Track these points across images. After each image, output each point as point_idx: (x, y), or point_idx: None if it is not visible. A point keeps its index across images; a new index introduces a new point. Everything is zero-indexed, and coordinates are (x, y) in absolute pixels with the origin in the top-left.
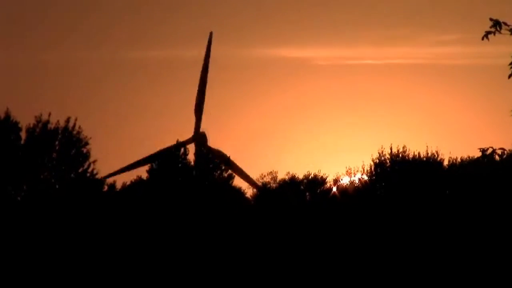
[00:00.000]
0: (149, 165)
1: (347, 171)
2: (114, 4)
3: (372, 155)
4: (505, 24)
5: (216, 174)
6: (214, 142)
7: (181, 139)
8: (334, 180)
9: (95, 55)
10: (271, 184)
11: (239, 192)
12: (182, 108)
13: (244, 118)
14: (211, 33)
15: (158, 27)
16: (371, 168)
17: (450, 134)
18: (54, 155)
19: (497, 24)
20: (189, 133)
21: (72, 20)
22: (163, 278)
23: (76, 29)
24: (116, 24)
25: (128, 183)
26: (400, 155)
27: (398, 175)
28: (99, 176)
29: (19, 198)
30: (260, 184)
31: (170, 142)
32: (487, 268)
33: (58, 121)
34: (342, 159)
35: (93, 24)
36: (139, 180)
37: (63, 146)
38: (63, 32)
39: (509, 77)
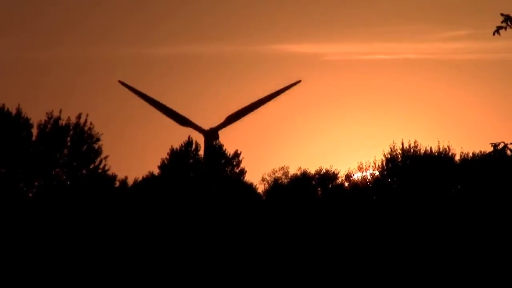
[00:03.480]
0: (160, 161)
1: (358, 167)
2: (125, 0)
3: (383, 150)
4: None
5: (228, 169)
6: (225, 137)
7: (193, 135)
8: (346, 175)
9: (106, 51)
10: (283, 180)
11: (250, 187)
12: (191, 103)
13: (255, 113)
14: (120, 82)
15: (168, 23)
16: (382, 164)
17: (461, 129)
18: (66, 151)
19: (508, 19)
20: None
21: (84, 18)
22: (175, 271)
23: (89, 26)
24: (128, 20)
25: (139, 179)
26: (412, 150)
27: (409, 170)
28: (110, 172)
29: (30, 195)
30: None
31: (181, 137)
32: (500, 261)
33: (69, 117)
34: (354, 154)
35: (105, 20)
36: (150, 176)
37: (75, 142)
38: (74, 28)
39: None
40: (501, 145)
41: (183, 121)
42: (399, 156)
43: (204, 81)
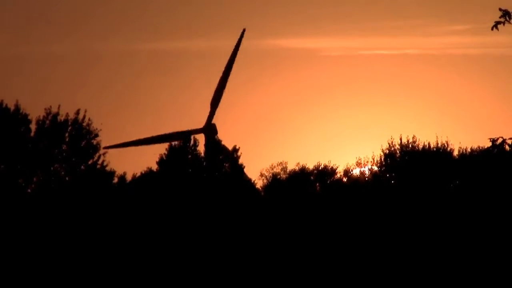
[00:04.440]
0: (158, 156)
1: (357, 162)
2: None
3: (382, 145)
4: None
5: (226, 165)
6: (223, 133)
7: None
8: (344, 170)
9: (104, 47)
10: (281, 175)
11: (249, 183)
12: (191, 100)
13: (254, 109)
14: (244, 30)
15: (167, 19)
16: (381, 159)
17: (460, 124)
18: (64, 147)
19: (506, 14)
20: (198, 125)
21: (82, 12)
22: (173, 267)
23: (86, 20)
24: (127, 15)
25: (138, 174)
26: (410, 146)
27: (408, 165)
28: (109, 167)
29: (29, 190)
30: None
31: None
32: (498, 257)
33: (67, 113)
34: (352, 149)
35: (104, 16)
36: (149, 172)
37: (73, 138)
38: (72, 24)
39: None
40: (500, 140)
41: (215, 102)
42: (398, 152)
43: (200, 76)
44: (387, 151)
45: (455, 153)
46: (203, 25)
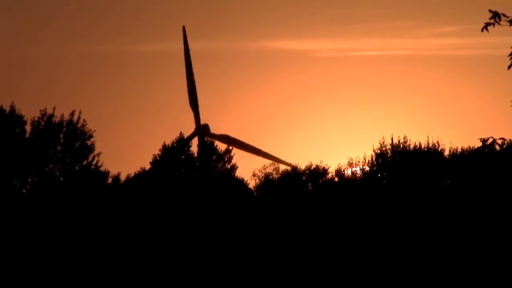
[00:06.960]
0: (152, 157)
1: (348, 162)
2: None
3: (373, 145)
4: (504, 15)
5: (219, 165)
6: (217, 133)
7: (184, 131)
8: (336, 170)
9: (99, 49)
10: (274, 175)
11: (241, 183)
12: (185, 101)
13: (246, 109)
14: (183, 28)
15: (162, 21)
16: (372, 159)
17: (451, 125)
18: (59, 148)
19: (496, 16)
20: (192, 125)
21: (77, 15)
22: (167, 266)
23: (82, 23)
24: (121, 18)
25: (132, 175)
26: (401, 146)
27: (399, 165)
28: (103, 168)
29: (24, 191)
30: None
31: (173, 133)
32: (488, 258)
33: (62, 114)
34: (344, 149)
35: (98, 19)
36: (142, 172)
37: (68, 139)
38: (67, 26)
39: (508, 67)
40: (490, 140)
41: (194, 104)
42: (389, 152)
43: (200, 78)
44: (379, 151)
45: (446, 153)
46: (201, 28)
